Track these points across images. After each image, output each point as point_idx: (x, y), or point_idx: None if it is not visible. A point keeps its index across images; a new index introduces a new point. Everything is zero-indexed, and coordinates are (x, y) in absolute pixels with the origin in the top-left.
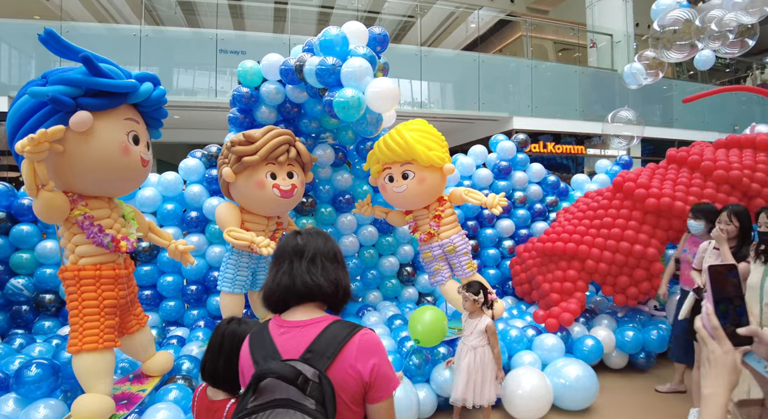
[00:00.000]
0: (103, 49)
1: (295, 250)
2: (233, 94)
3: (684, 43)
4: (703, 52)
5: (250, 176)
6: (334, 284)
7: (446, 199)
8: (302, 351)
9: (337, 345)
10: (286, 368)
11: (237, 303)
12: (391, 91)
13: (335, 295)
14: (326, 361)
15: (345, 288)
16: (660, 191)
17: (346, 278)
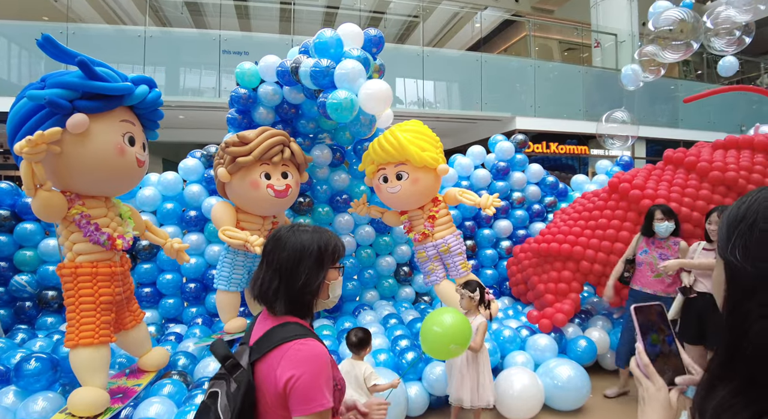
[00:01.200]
0: (109, 50)
1: (268, 251)
2: (231, 95)
3: (679, 43)
4: (727, 58)
5: (244, 176)
6: (278, 296)
7: (441, 199)
8: (256, 339)
9: (269, 345)
10: (221, 350)
11: (233, 301)
12: (384, 92)
13: (277, 307)
14: (257, 355)
15: (297, 299)
16: (655, 193)
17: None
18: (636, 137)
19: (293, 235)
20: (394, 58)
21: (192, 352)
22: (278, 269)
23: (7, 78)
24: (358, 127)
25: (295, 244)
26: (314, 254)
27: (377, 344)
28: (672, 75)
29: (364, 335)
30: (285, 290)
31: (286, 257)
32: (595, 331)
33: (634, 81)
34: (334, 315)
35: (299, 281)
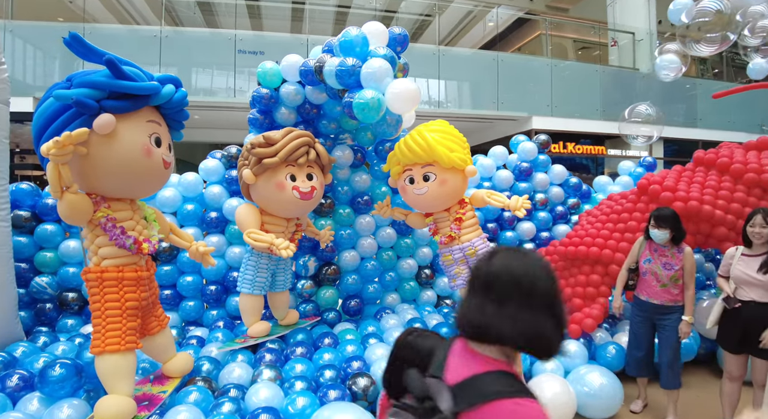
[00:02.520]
0: (124, 50)
1: (486, 282)
2: (253, 95)
3: (715, 35)
4: (756, 61)
5: (270, 177)
6: (528, 338)
7: (467, 201)
8: (458, 381)
9: (476, 398)
10: (420, 386)
11: (256, 305)
12: (411, 92)
13: (527, 347)
14: (464, 406)
15: (546, 342)
16: (687, 195)
17: (545, 323)
18: (662, 131)
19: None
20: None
21: (215, 357)
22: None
23: (23, 79)
24: (384, 127)
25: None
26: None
27: None
28: (689, 74)
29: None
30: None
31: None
32: (624, 336)
33: (671, 72)
34: (355, 318)
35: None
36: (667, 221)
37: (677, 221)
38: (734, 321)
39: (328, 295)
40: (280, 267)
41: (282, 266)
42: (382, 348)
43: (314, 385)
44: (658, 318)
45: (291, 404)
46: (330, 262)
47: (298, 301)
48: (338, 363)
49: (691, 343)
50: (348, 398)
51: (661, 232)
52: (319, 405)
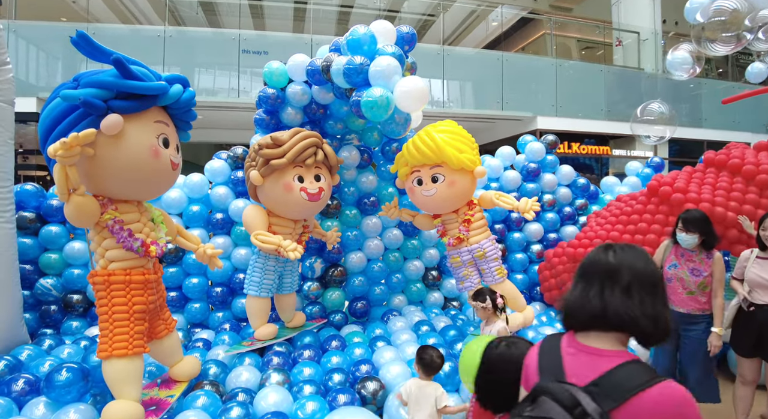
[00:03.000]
0: (127, 50)
1: (607, 270)
2: (259, 95)
3: (731, 34)
4: (756, 64)
5: (277, 179)
6: (653, 321)
7: (476, 203)
8: (587, 381)
9: (628, 390)
10: (565, 394)
11: (263, 307)
12: (420, 90)
13: (652, 333)
14: (611, 404)
15: (665, 325)
16: (699, 196)
17: (665, 311)
18: (675, 130)
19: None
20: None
21: (222, 360)
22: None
23: (26, 79)
24: (392, 126)
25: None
26: None
27: (410, 353)
28: None
29: (442, 358)
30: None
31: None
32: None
33: (684, 70)
34: (362, 320)
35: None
36: (696, 224)
37: (707, 224)
38: (748, 325)
39: (335, 297)
40: (287, 269)
41: (289, 268)
42: (390, 352)
43: (323, 389)
44: (683, 329)
45: (300, 408)
46: (336, 264)
47: (305, 303)
48: (346, 366)
49: None
50: (357, 402)
51: (690, 236)
52: (328, 409)
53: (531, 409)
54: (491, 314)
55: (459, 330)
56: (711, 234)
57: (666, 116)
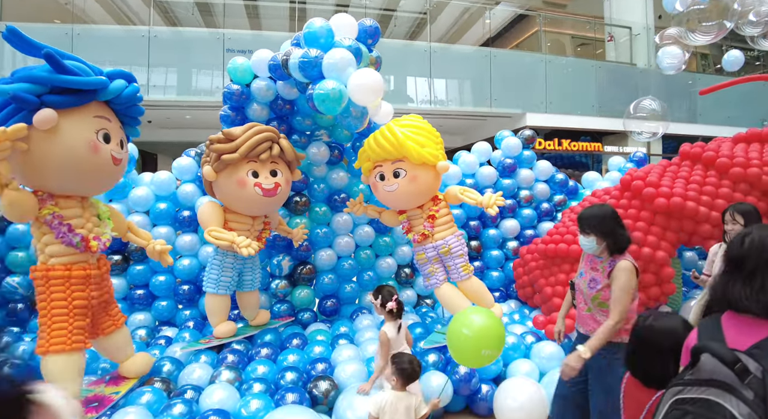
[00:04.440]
0: (115, 51)
1: (736, 258)
2: (224, 91)
3: (711, 23)
4: (732, 52)
5: (230, 174)
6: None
7: (441, 198)
8: (749, 345)
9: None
10: (725, 350)
11: (222, 304)
12: (374, 82)
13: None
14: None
15: None
16: (670, 191)
17: None
18: (668, 127)
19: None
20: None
21: (178, 358)
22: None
23: None
24: (349, 120)
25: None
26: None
27: (371, 351)
28: (690, 69)
29: (420, 364)
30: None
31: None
32: None
33: (674, 64)
34: (331, 318)
35: None
36: (590, 224)
37: (606, 223)
38: None
39: (303, 295)
40: (247, 266)
41: (249, 266)
42: (350, 350)
43: (273, 388)
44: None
45: (244, 406)
46: (305, 261)
47: (273, 301)
48: (303, 365)
49: None
50: (307, 402)
51: (586, 239)
52: (273, 408)
53: (692, 373)
54: (385, 313)
55: (426, 328)
56: (614, 235)
57: (659, 113)
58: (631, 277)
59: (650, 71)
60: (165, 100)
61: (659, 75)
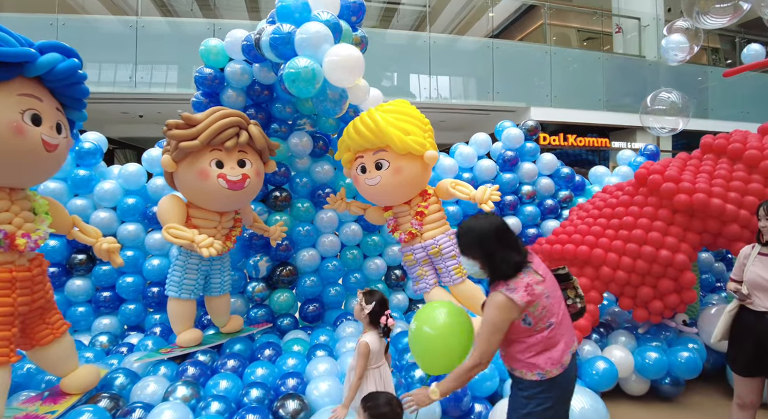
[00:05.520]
0: (100, 42)
1: None
2: (195, 76)
3: (726, 5)
4: (752, 46)
5: (191, 164)
6: None
7: (431, 193)
8: None
9: None
10: None
11: (185, 310)
12: (353, 59)
13: None
14: None
15: None
16: (693, 186)
17: None
18: (688, 120)
19: None
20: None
21: (135, 369)
22: None
23: None
24: (325, 103)
25: None
26: None
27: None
28: (701, 62)
29: (400, 404)
30: None
31: None
32: (616, 349)
33: (677, 55)
34: (314, 325)
35: None
36: (465, 241)
37: (489, 241)
38: (745, 336)
39: (283, 299)
40: (214, 268)
41: (217, 267)
42: (326, 364)
43: (234, 407)
44: None
45: None
46: (285, 262)
47: (249, 305)
48: (272, 379)
49: (695, 357)
50: None
51: (467, 261)
52: None
53: None
54: (366, 322)
55: None
56: (492, 258)
57: (678, 105)
58: (501, 314)
59: (660, 64)
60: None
61: (669, 68)
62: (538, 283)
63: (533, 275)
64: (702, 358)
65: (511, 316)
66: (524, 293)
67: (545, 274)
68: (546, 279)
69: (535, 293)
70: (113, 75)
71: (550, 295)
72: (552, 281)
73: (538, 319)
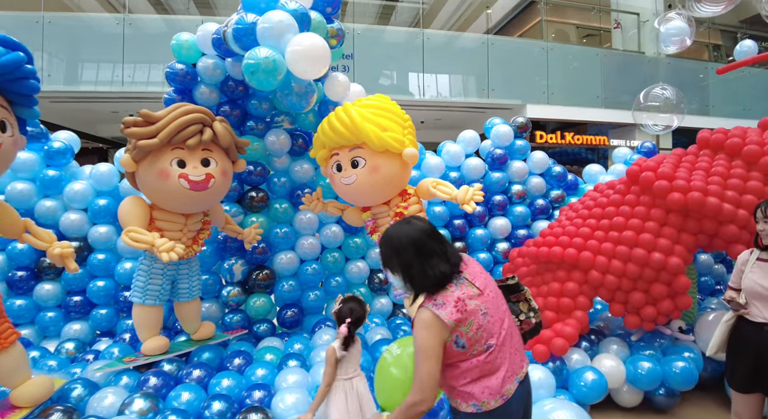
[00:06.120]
0: (88, 40)
1: None
2: (166, 71)
3: None
4: (745, 42)
5: (151, 164)
6: None
7: (411, 193)
8: None
9: None
10: None
11: (151, 317)
12: (317, 48)
13: None
14: None
15: None
16: (688, 184)
17: None
18: (683, 117)
19: None
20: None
21: (95, 380)
22: None
23: None
24: (290, 97)
25: None
26: None
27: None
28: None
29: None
30: None
31: None
32: (606, 359)
33: (678, 42)
34: (292, 331)
35: None
36: (383, 252)
37: (407, 249)
38: (743, 349)
39: (259, 304)
40: (181, 273)
41: (184, 272)
42: (296, 375)
43: None
44: None
45: None
46: (262, 265)
47: (225, 311)
48: (238, 391)
49: (691, 368)
50: None
51: (393, 277)
52: None
53: None
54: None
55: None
56: (409, 270)
57: (672, 102)
58: (429, 335)
59: (659, 60)
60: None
61: (669, 64)
62: (473, 297)
63: (467, 288)
64: (698, 368)
65: (442, 337)
66: (453, 309)
67: (484, 286)
68: (484, 292)
69: (467, 309)
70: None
71: (488, 312)
72: (494, 295)
73: (472, 340)
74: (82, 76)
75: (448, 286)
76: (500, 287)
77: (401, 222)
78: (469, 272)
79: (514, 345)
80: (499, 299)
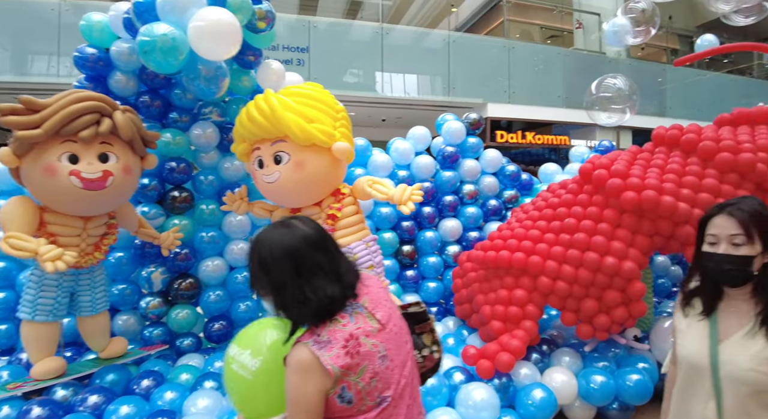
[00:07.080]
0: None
1: None
2: (74, 56)
3: None
4: (705, 37)
5: (36, 158)
6: None
7: (346, 193)
8: None
9: None
10: None
11: (41, 335)
12: (223, 24)
13: None
14: None
15: None
16: (642, 182)
17: None
18: (635, 109)
19: None
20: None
21: None
22: None
23: None
24: (197, 82)
25: None
26: None
27: None
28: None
29: None
30: None
31: None
32: (557, 373)
33: (620, 39)
34: (220, 345)
35: None
36: (250, 268)
37: (281, 266)
38: None
39: (182, 316)
40: (82, 284)
41: (85, 283)
42: (207, 399)
43: None
44: None
45: None
46: (186, 274)
47: (144, 324)
48: None
49: (645, 380)
50: None
51: (264, 299)
52: None
53: None
54: None
55: None
56: (282, 294)
57: (625, 92)
58: (304, 383)
59: (620, 61)
60: None
61: (629, 65)
62: (370, 334)
63: (364, 321)
64: (653, 380)
65: (322, 387)
66: (341, 351)
67: (387, 318)
68: (387, 327)
69: (360, 351)
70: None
71: (388, 354)
72: (397, 330)
73: (362, 394)
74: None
75: (339, 317)
76: (403, 315)
77: (277, 225)
78: (370, 299)
79: (414, 395)
80: (402, 335)
